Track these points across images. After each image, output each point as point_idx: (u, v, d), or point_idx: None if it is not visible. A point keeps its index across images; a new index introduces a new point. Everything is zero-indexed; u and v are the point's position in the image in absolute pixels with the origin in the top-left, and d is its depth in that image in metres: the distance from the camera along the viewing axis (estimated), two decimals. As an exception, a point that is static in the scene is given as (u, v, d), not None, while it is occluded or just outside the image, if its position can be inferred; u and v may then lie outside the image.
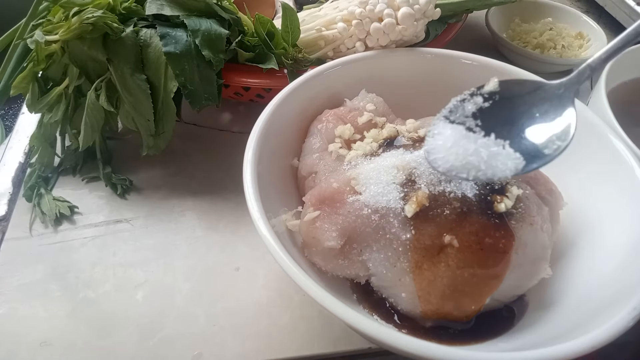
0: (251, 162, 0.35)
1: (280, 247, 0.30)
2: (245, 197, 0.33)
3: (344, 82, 0.45)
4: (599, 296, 0.32)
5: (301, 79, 0.43)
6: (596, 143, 0.39)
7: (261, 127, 0.38)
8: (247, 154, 0.36)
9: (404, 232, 0.32)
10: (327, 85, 0.44)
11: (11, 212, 0.47)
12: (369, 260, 0.34)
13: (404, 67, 0.47)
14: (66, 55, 0.44)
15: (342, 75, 0.45)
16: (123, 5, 0.45)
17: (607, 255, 0.35)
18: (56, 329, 0.39)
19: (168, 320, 0.39)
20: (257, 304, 0.40)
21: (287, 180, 0.42)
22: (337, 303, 0.28)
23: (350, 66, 0.45)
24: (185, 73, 0.43)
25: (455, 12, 0.53)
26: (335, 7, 0.51)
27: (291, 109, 0.42)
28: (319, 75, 0.43)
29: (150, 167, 0.51)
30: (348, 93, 0.45)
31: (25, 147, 0.54)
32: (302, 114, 0.43)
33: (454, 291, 0.32)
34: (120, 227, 0.46)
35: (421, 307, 0.33)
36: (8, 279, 0.42)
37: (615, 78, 0.48)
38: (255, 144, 0.37)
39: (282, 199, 0.39)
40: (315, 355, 0.38)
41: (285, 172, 0.42)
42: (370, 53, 0.47)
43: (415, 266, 0.32)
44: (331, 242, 0.33)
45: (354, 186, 0.35)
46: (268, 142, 0.38)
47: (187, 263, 0.43)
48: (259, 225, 0.32)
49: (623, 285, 0.31)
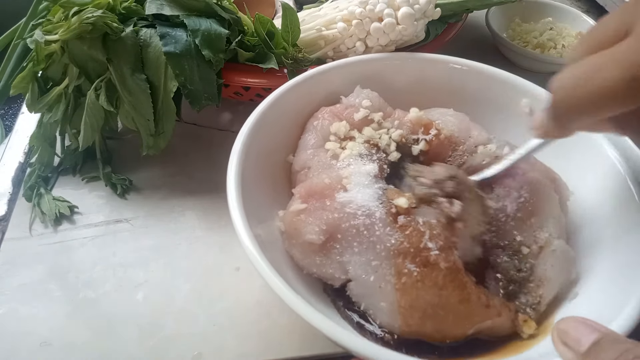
0: (237, 163, 0.35)
1: (260, 256, 0.30)
2: (229, 203, 0.33)
3: (341, 82, 0.45)
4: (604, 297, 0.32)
5: (297, 78, 0.43)
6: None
7: (250, 127, 0.38)
8: (232, 156, 0.36)
9: (388, 237, 0.32)
10: (323, 85, 0.44)
11: (11, 212, 0.47)
12: (349, 262, 0.32)
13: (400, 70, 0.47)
14: (66, 55, 0.44)
15: (339, 75, 0.45)
16: (123, 5, 0.45)
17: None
18: (56, 329, 0.39)
19: (168, 321, 0.39)
20: (257, 304, 0.40)
21: (280, 179, 0.41)
22: (315, 313, 0.28)
23: (348, 67, 0.45)
24: (185, 73, 0.43)
25: (455, 12, 0.53)
26: (335, 7, 0.51)
27: (286, 108, 0.42)
28: (315, 76, 0.43)
29: (150, 167, 0.51)
30: (345, 92, 0.44)
31: (25, 147, 0.54)
32: (297, 113, 0.43)
33: (438, 310, 0.31)
34: (120, 227, 0.46)
35: (400, 322, 0.31)
36: (8, 279, 0.42)
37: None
38: (243, 143, 0.37)
39: (275, 199, 0.38)
40: (315, 355, 0.38)
41: (279, 171, 0.41)
42: (371, 56, 0.47)
43: (398, 274, 0.31)
44: (312, 236, 0.33)
45: (345, 185, 0.34)
46: (258, 141, 0.38)
47: (187, 263, 0.43)
48: (240, 232, 0.31)
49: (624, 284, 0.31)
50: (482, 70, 0.45)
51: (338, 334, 0.27)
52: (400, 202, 0.33)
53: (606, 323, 0.25)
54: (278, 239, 0.36)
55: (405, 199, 0.34)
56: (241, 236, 0.31)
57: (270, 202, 0.38)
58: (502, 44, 0.65)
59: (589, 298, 0.33)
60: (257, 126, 0.39)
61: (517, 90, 0.43)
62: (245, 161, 0.36)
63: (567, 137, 0.30)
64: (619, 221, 0.35)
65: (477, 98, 0.45)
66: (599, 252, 0.35)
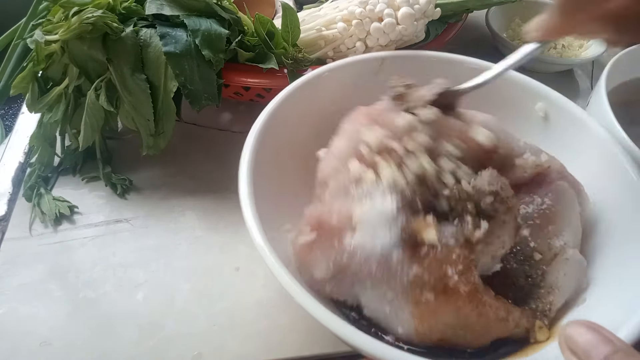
0: (248, 163, 0.34)
1: (277, 261, 0.30)
2: (241, 202, 0.33)
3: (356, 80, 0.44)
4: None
5: (313, 73, 0.42)
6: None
7: (260, 127, 0.37)
8: (243, 156, 0.35)
9: (406, 272, 0.29)
10: (333, 83, 0.43)
11: (11, 212, 0.47)
12: (362, 295, 0.31)
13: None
14: (66, 55, 0.44)
15: (347, 73, 0.44)
16: (123, 5, 0.45)
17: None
18: (56, 329, 0.39)
19: (168, 320, 0.39)
20: (257, 304, 0.40)
21: (294, 173, 0.40)
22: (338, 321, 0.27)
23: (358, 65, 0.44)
24: (185, 73, 0.43)
25: (455, 12, 0.53)
26: (335, 7, 0.51)
27: (296, 108, 0.41)
28: (326, 73, 0.43)
29: (150, 167, 0.51)
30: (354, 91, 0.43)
31: (25, 147, 0.54)
32: (311, 113, 0.42)
33: (457, 330, 0.30)
34: (120, 227, 0.46)
35: (417, 341, 0.30)
36: (8, 279, 0.42)
37: (616, 78, 0.48)
38: (254, 143, 0.36)
39: (287, 200, 0.37)
40: (315, 355, 0.38)
41: (293, 166, 0.40)
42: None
43: (415, 303, 0.29)
44: (320, 274, 0.31)
45: (354, 226, 0.30)
46: (270, 141, 0.37)
47: (187, 263, 0.43)
48: (255, 235, 0.31)
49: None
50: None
51: (354, 335, 0.27)
52: (430, 237, 0.29)
53: (614, 330, 0.24)
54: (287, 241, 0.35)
55: (434, 233, 0.29)
56: (256, 239, 0.31)
57: (282, 203, 0.37)
58: (502, 44, 0.65)
59: (597, 304, 0.32)
60: (269, 123, 0.38)
61: (531, 93, 0.43)
62: (257, 157, 0.35)
63: (569, 35, 0.30)
64: (629, 228, 0.35)
65: (494, 100, 0.42)
66: (608, 258, 0.35)
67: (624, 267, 0.33)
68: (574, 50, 0.64)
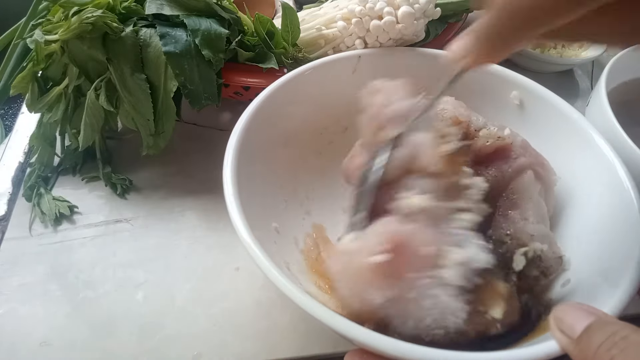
0: (232, 160, 0.35)
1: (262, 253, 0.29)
2: (226, 200, 0.33)
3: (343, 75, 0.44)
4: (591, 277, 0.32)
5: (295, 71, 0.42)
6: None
7: (243, 127, 0.37)
8: (226, 157, 0.35)
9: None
10: (316, 80, 0.43)
11: (11, 212, 0.47)
12: (395, 322, 0.28)
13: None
14: (66, 55, 0.44)
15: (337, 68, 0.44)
16: (123, 4, 0.45)
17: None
18: (56, 329, 0.39)
19: (168, 320, 0.39)
20: (257, 304, 0.40)
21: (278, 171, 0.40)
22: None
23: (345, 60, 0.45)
24: (185, 73, 0.43)
25: (455, 11, 0.53)
26: (335, 5, 0.51)
27: (278, 107, 0.41)
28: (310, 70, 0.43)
29: (150, 167, 0.51)
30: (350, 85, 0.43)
31: (25, 147, 0.54)
32: (293, 112, 0.42)
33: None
34: (120, 227, 0.46)
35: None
36: (8, 279, 0.42)
37: (616, 78, 0.48)
38: (236, 144, 0.36)
39: (273, 198, 0.38)
40: (315, 356, 0.38)
41: (276, 163, 0.40)
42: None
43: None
44: (369, 305, 0.28)
45: (439, 261, 0.27)
46: (255, 136, 0.38)
47: (187, 263, 0.43)
48: (241, 231, 0.31)
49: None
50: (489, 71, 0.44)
51: (357, 330, 0.26)
52: (496, 314, 0.28)
53: (600, 306, 0.25)
54: (273, 237, 0.35)
55: (504, 305, 0.28)
56: (242, 235, 0.31)
57: (268, 202, 0.37)
58: (502, 43, 0.64)
59: (580, 283, 0.33)
60: (251, 122, 0.38)
61: (507, 82, 0.44)
62: (240, 158, 0.36)
63: (497, 61, 0.25)
64: (605, 202, 0.35)
65: (470, 90, 0.43)
66: (587, 235, 0.35)
67: (604, 243, 0.34)
68: (574, 50, 0.64)
